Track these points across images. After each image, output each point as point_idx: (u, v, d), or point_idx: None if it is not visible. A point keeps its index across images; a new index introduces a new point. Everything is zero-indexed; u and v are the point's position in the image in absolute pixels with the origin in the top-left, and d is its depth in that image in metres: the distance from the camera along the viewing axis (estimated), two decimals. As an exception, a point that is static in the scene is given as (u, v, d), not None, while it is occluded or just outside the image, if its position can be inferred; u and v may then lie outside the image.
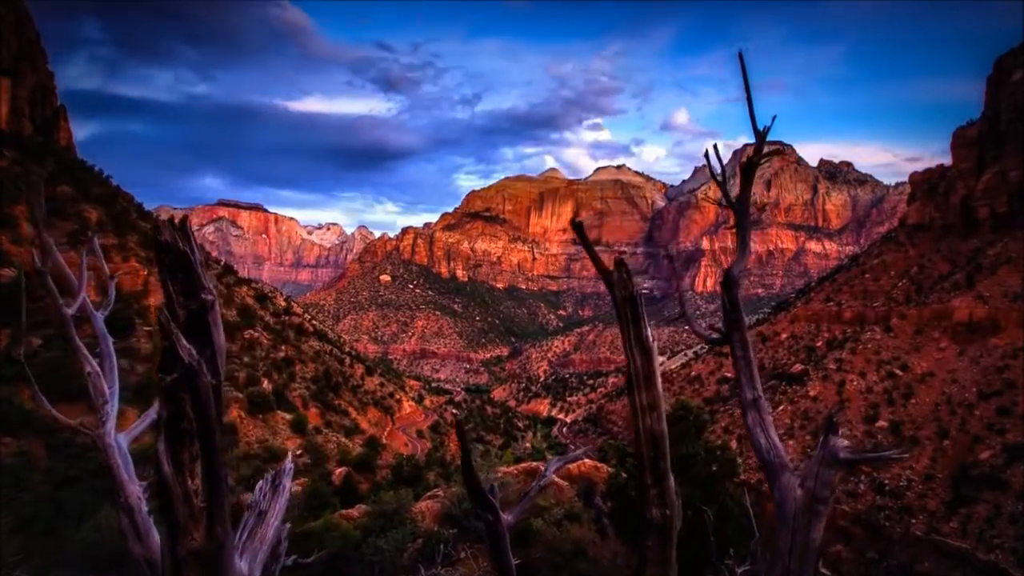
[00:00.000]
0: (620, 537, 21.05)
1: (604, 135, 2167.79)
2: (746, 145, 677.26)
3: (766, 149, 8.76)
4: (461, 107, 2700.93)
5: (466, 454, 7.73)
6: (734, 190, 8.77)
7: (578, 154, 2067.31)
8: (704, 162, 9.18)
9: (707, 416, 22.74)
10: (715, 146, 9.22)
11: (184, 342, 5.17)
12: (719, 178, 9.12)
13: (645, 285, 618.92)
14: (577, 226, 7.58)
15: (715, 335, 8.94)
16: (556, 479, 29.81)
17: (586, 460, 36.54)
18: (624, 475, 20.78)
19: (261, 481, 7.23)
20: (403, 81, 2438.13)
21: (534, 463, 32.92)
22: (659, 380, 7.74)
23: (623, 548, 20.33)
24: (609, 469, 31.04)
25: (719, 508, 16.02)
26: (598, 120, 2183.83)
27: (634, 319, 7.65)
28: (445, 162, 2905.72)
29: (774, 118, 8.72)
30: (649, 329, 7.76)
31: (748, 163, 8.77)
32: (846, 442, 7.26)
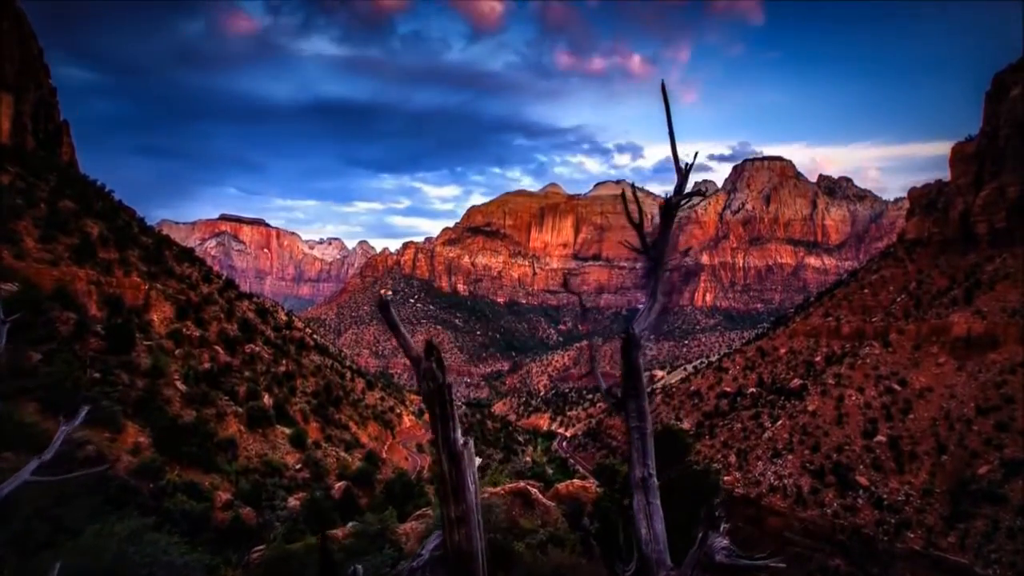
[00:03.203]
0: (604, 560, 21.08)
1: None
2: (745, 161, 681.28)
3: (691, 188, 7.94)
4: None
5: (325, 546, 6.64)
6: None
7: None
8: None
9: (691, 439, 22.96)
10: (632, 186, 8.57)
11: None
12: (635, 220, 8.38)
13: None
14: (382, 306, 6.57)
15: (614, 399, 7.84)
16: (543, 500, 28.33)
17: (574, 480, 35.72)
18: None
19: None
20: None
21: (522, 482, 30.40)
22: (471, 490, 6.57)
23: (606, 572, 20.39)
24: (598, 489, 30.65)
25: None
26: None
27: (443, 418, 6.46)
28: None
29: (696, 154, 8.28)
30: (460, 430, 6.61)
31: (667, 205, 7.91)
32: (725, 542, 6.25)
